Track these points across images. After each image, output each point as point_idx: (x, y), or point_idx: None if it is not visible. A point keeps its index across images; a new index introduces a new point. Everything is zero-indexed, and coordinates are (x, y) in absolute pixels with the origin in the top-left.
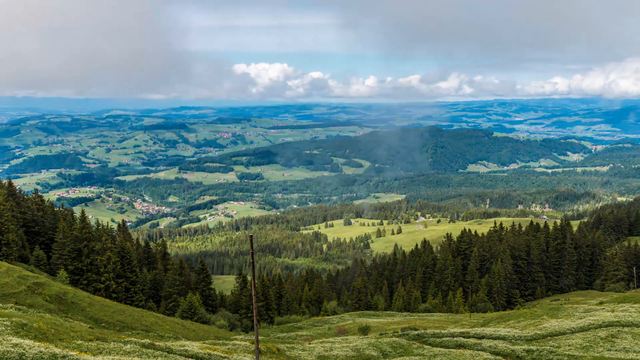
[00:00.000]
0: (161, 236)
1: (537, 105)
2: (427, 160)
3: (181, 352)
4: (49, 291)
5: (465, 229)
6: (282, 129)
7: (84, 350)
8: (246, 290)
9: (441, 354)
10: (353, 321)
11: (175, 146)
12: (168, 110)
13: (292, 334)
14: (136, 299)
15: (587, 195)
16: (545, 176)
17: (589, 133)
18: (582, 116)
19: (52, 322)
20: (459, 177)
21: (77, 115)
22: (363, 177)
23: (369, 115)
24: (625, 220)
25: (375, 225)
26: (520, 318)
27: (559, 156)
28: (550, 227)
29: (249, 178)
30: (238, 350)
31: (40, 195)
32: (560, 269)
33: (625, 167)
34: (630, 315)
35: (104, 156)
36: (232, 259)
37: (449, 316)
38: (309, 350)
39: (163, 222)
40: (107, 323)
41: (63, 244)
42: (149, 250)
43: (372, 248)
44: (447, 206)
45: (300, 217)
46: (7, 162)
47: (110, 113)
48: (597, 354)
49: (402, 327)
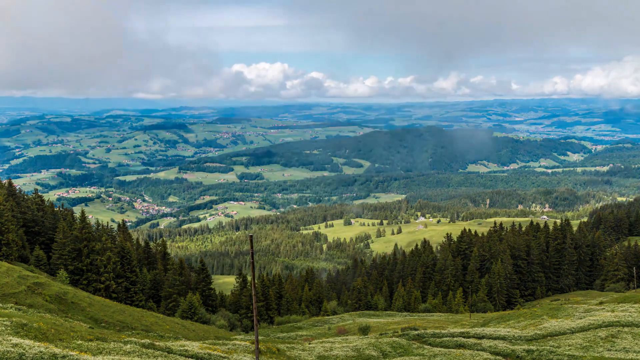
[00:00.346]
0: (161, 236)
1: (537, 105)
2: (427, 160)
3: (181, 352)
4: (49, 291)
5: (465, 229)
6: (282, 129)
7: (84, 350)
8: (246, 290)
9: (441, 354)
10: (353, 321)
11: (175, 146)
12: (168, 110)
13: (292, 334)
14: (136, 299)
15: (587, 195)
16: (545, 176)
17: (589, 133)
18: (582, 116)
19: (52, 322)
20: (459, 177)
21: (77, 115)
22: (363, 177)
23: (369, 115)
24: (625, 220)
25: (375, 225)
26: (520, 318)
27: (559, 156)
28: (550, 227)
29: (249, 178)
30: (238, 350)
31: (40, 195)
32: (560, 269)
33: (625, 167)
34: (630, 315)
35: (104, 156)
36: (232, 259)
37: (449, 316)
38: (309, 350)
39: (163, 222)
40: (107, 323)
41: (63, 244)
42: (149, 250)
43: (372, 248)
44: (447, 206)
45: (300, 217)
46: (7, 162)
47: (110, 113)
48: (597, 354)
49: (402, 327)
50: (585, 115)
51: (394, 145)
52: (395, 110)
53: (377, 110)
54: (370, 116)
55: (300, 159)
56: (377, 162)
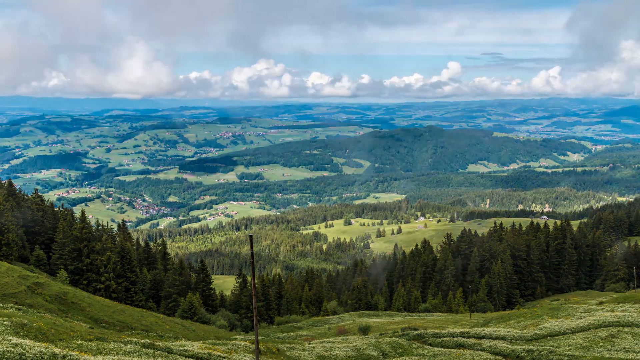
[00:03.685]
0: (161, 236)
1: (537, 105)
2: (427, 160)
3: (181, 352)
4: (49, 291)
5: (465, 229)
6: (282, 129)
7: (84, 350)
8: (246, 290)
9: (441, 354)
10: (353, 321)
11: (175, 146)
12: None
13: (292, 334)
14: (136, 299)
15: (587, 195)
16: (545, 176)
17: (589, 133)
18: (582, 116)
19: (52, 322)
20: (459, 177)
21: (77, 115)
22: (363, 177)
23: (369, 115)
24: (625, 220)
25: (375, 225)
26: (520, 318)
27: (559, 156)
28: (550, 227)
29: (249, 178)
30: (238, 350)
31: (40, 195)
32: (560, 269)
33: (625, 167)
34: (630, 315)
35: (104, 156)
36: (232, 259)
37: (449, 316)
38: (309, 350)
39: (163, 222)
40: (107, 323)
41: (63, 244)
42: (149, 250)
43: (372, 248)
44: (447, 206)
45: (300, 217)
46: (7, 162)
47: (110, 113)
48: (597, 354)
49: (402, 327)
50: (585, 115)
51: (394, 145)
52: (395, 110)
53: (377, 110)
54: (370, 116)
55: (300, 159)
56: (377, 162)
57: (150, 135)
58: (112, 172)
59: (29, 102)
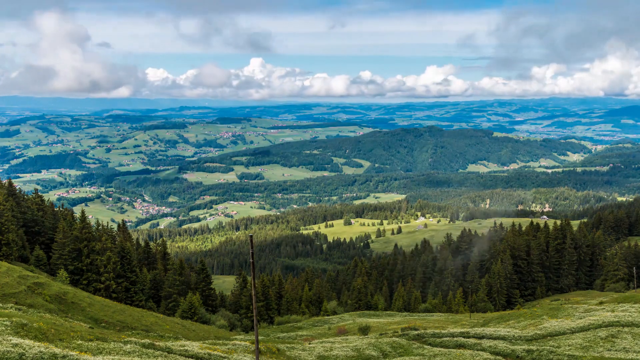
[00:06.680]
0: (161, 236)
1: (537, 105)
2: (427, 160)
3: (181, 352)
4: (49, 291)
5: (465, 229)
6: (282, 129)
7: (84, 350)
8: (246, 290)
9: (441, 354)
10: (353, 321)
11: (175, 146)
12: (168, 110)
13: (292, 334)
14: (136, 299)
15: (587, 195)
16: (545, 176)
17: (589, 133)
18: (582, 116)
19: (52, 322)
20: (459, 177)
21: (77, 115)
22: (363, 177)
23: (369, 115)
24: (625, 220)
25: (375, 225)
26: (520, 318)
27: (559, 156)
28: (550, 227)
29: (249, 178)
30: (238, 350)
31: (40, 195)
32: (560, 269)
33: (625, 167)
34: (630, 315)
35: (104, 156)
36: (232, 259)
37: (449, 316)
38: (309, 350)
39: (163, 222)
40: (107, 323)
41: (63, 244)
42: (149, 250)
43: (372, 248)
44: (447, 206)
45: (300, 217)
46: (7, 162)
47: (110, 113)
48: (597, 354)
49: (402, 327)
50: (585, 115)
51: (394, 145)
52: (395, 110)
53: (377, 110)
54: (370, 116)
55: (300, 159)
56: (377, 162)
57: (150, 135)
58: (112, 172)
59: (29, 102)
